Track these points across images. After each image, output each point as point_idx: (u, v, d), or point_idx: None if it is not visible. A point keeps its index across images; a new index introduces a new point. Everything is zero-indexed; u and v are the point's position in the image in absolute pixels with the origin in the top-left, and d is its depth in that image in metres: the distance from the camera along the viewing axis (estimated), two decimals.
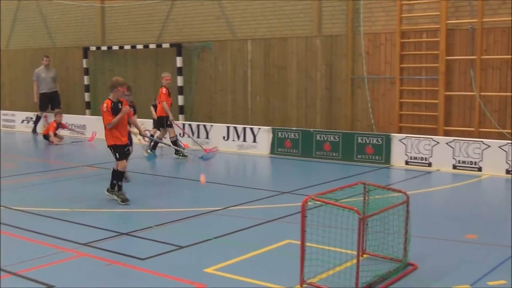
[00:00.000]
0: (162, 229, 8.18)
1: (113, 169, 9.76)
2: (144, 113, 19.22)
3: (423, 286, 5.95)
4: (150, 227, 8.22)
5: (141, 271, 6.50)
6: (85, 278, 6.34)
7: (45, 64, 19.76)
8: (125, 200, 9.58)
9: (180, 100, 17.93)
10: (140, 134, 11.14)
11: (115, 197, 9.71)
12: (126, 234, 7.91)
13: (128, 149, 10.05)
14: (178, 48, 17.91)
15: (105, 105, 9.41)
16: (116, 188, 9.77)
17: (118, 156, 9.61)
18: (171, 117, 14.51)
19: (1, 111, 22.24)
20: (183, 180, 12.47)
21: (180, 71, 17.90)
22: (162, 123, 14.72)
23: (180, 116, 17.85)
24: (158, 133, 15.21)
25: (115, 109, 9.44)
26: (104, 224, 8.39)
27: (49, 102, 20.01)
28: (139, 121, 17.34)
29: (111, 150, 9.65)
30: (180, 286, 6.07)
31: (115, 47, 19.59)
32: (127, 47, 19.26)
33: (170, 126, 14.61)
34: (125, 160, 9.71)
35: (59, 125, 18.31)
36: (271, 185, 11.89)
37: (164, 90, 14.53)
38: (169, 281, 6.20)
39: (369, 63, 14.85)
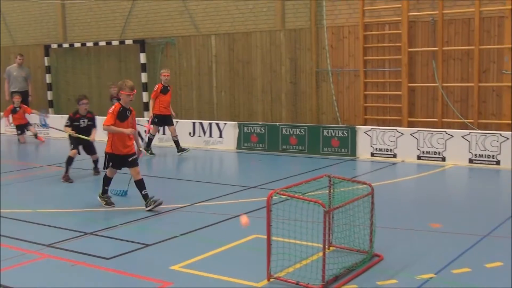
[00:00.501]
0: (127, 227, 8.09)
1: (104, 175, 9.30)
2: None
3: (389, 277, 6.00)
4: (116, 226, 8.13)
5: (106, 271, 6.42)
6: (49, 280, 6.24)
7: (18, 63, 19.14)
8: (110, 204, 9.24)
9: (145, 96, 17.77)
10: (137, 151, 9.65)
11: (100, 200, 9.29)
12: (91, 233, 7.80)
13: (135, 158, 9.11)
14: (141, 45, 17.74)
15: (113, 107, 8.91)
16: (101, 191, 9.34)
17: (110, 165, 9.09)
18: (150, 115, 14.31)
19: None
20: (148, 177, 12.34)
21: (144, 68, 17.73)
22: (162, 120, 14.29)
23: (145, 113, 17.69)
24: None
25: (122, 115, 8.87)
26: (68, 224, 8.26)
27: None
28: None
29: (105, 156, 9.09)
30: (146, 284, 6.01)
31: (77, 44, 19.32)
32: (89, 44, 19.01)
33: (154, 123, 14.30)
34: (116, 170, 9.21)
35: (19, 109, 17.43)
36: (237, 180, 11.87)
37: (156, 86, 14.11)
38: (135, 280, 6.14)
39: (333, 56, 14.92)
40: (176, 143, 14.34)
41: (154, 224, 8.27)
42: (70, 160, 11.49)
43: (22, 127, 17.54)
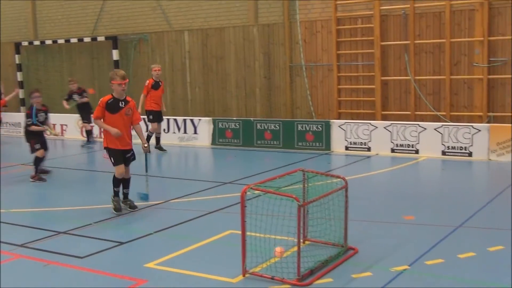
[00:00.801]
0: (101, 226, 8.02)
1: (113, 176, 8.65)
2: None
3: (363, 269, 6.03)
4: (89, 224, 8.05)
5: (80, 270, 6.36)
6: (22, 280, 6.16)
7: None
8: (117, 209, 8.52)
9: None
10: (142, 147, 8.69)
11: (111, 203, 8.66)
12: (64, 233, 7.72)
13: (132, 154, 8.64)
14: (114, 41, 17.60)
15: (102, 99, 8.35)
16: (113, 193, 8.68)
17: (112, 161, 8.46)
18: (139, 111, 13.96)
19: None
20: None
21: (117, 64, 17.58)
22: (153, 116, 13.84)
23: None
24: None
25: (112, 107, 8.28)
26: (41, 223, 8.16)
27: None
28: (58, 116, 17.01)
29: (107, 153, 8.56)
30: (121, 283, 5.96)
31: (49, 42, 19.08)
32: (61, 41, 18.79)
33: (150, 121, 13.97)
34: (122, 166, 8.47)
35: None
36: (212, 176, 11.83)
37: (147, 82, 13.65)
38: (110, 279, 6.08)
39: (306, 50, 14.94)
40: (158, 139, 14.16)
41: (128, 222, 8.21)
42: (38, 161, 11.29)
43: None
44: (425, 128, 12.43)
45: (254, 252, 6.16)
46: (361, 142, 13.11)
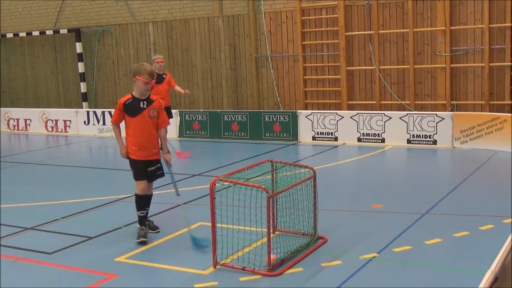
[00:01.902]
0: (69, 221, 7.94)
1: (135, 195, 7.07)
2: (43, 103, 18.57)
3: (333, 258, 6.10)
4: (56, 219, 7.96)
5: (49, 266, 6.29)
6: None
7: None
8: (141, 237, 6.87)
9: (83, 87, 17.41)
10: (163, 156, 7.16)
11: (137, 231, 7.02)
12: (31, 228, 7.62)
13: (158, 168, 7.05)
14: (76, 34, 17.36)
15: (120, 99, 6.98)
16: (138, 219, 7.07)
17: (133, 174, 6.98)
18: None
19: None
20: (87, 169, 12.15)
21: (80, 57, 17.37)
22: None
23: (84, 104, 17.35)
24: None
25: (132, 108, 6.83)
26: (7, 220, 8.02)
27: None
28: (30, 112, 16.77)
29: (129, 162, 7.07)
30: (92, 278, 5.91)
31: (10, 35, 18.71)
32: (22, 34, 18.44)
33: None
34: (145, 181, 6.94)
35: None
36: (180, 169, 11.77)
37: None
38: (80, 274, 6.04)
39: (272, 41, 14.96)
40: None
41: (96, 217, 8.14)
42: None
43: None
44: (390, 117, 12.59)
45: (224, 243, 6.18)
46: (328, 132, 13.21)
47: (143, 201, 6.99)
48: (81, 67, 17.37)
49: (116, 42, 17.29)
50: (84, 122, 16.15)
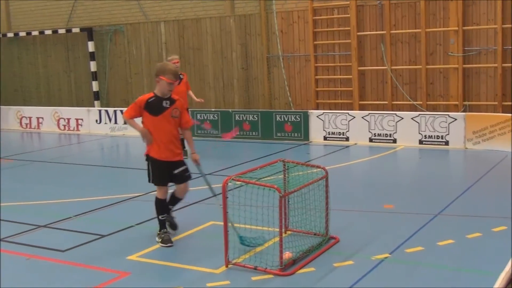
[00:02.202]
0: (81, 219, 7.98)
1: (155, 199, 6.82)
2: (55, 101, 18.67)
3: (345, 258, 6.09)
4: (69, 217, 8.00)
5: (62, 264, 6.33)
6: (5, 275, 6.10)
7: None
8: (166, 242, 6.69)
9: (95, 86, 17.49)
10: (191, 156, 6.93)
11: (156, 237, 6.81)
12: (44, 226, 7.67)
13: (185, 170, 6.85)
14: (89, 33, 17.42)
15: (140, 97, 6.73)
16: (158, 224, 6.82)
17: (152, 178, 6.69)
18: None
19: None
20: (99, 167, 12.20)
21: (92, 56, 17.43)
22: None
23: (96, 103, 17.42)
24: None
25: (155, 106, 6.59)
26: (20, 217, 8.08)
27: None
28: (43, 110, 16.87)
29: (147, 164, 6.77)
30: (104, 276, 5.94)
31: (22, 33, 18.82)
32: (35, 33, 18.54)
33: None
34: (166, 187, 6.77)
35: None
36: (193, 168, 11.80)
37: None
38: (93, 272, 6.07)
39: (283, 41, 14.96)
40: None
41: (108, 215, 8.18)
42: None
43: None
44: (402, 118, 12.56)
45: (236, 242, 6.19)
46: (340, 132, 13.19)
47: (164, 206, 6.81)
48: (93, 66, 17.44)
49: (128, 41, 17.35)
50: (96, 120, 16.23)
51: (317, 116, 13.44)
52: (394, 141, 12.61)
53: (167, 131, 6.65)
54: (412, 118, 12.46)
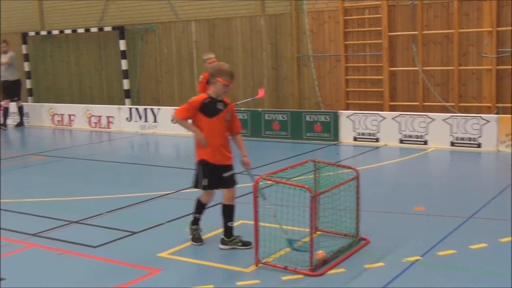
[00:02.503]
0: (113, 215, 8.07)
1: (197, 199, 6.87)
2: (86, 99, 18.89)
3: (376, 260, 6.06)
4: (101, 214, 8.10)
5: (94, 259, 6.42)
6: (37, 269, 6.22)
7: (2, 51, 18.37)
8: (196, 240, 6.76)
9: (126, 84, 17.64)
10: (243, 161, 6.82)
11: (188, 230, 6.89)
12: (76, 222, 7.77)
13: (234, 175, 6.74)
14: (121, 31, 17.57)
15: (195, 97, 6.58)
16: (192, 220, 6.89)
17: (201, 180, 6.56)
18: None
19: None
20: (130, 165, 12.31)
21: (124, 55, 17.58)
22: None
23: (127, 100, 17.58)
24: None
25: (210, 108, 6.44)
26: (53, 213, 8.21)
27: (6, 91, 18.03)
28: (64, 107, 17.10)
29: (197, 169, 6.65)
30: (135, 272, 6.00)
31: (55, 32, 19.07)
32: (67, 31, 18.78)
33: None
34: (213, 191, 6.70)
35: None
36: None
37: (201, 76, 11.59)
38: (124, 268, 6.14)
39: (313, 41, 14.92)
40: None
41: (139, 212, 8.26)
42: None
43: None
44: (434, 119, 12.43)
45: (266, 242, 6.20)
46: (370, 133, 13.11)
47: (203, 208, 6.80)
48: (124, 64, 17.59)
49: (159, 40, 17.47)
50: (127, 118, 16.37)
51: (347, 117, 13.37)
52: (425, 142, 12.48)
53: (221, 134, 6.52)
54: (443, 120, 12.32)
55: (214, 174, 6.52)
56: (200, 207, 6.77)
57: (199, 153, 6.56)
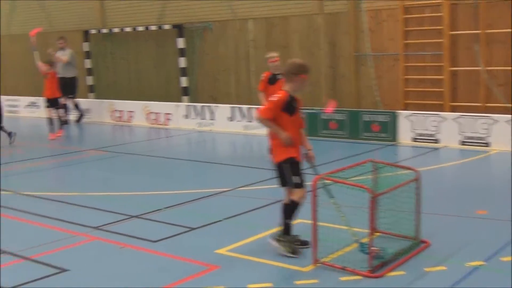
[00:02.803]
0: (172, 211, 8.18)
1: (285, 204, 6.46)
2: (145, 96, 19.19)
3: (437, 263, 5.94)
4: (160, 209, 8.22)
5: (153, 254, 6.52)
6: (99, 261, 6.37)
7: (60, 47, 18.82)
8: (294, 252, 6.31)
9: (184, 81, 17.85)
10: (308, 155, 6.77)
11: (280, 246, 6.36)
12: (136, 216, 7.91)
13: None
14: (179, 29, 17.78)
15: (278, 96, 6.33)
16: (282, 231, 6.45)
17: (293, 178, 6.30)
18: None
19: (4, 96, 22.08)
20: (188, 161, 12.46)
21: (182, 53, 17.78)
22: None
23: (185, 98, 17.79)
24: None
25: (290, 106, 6.36)
26: (113, 207, 8.38)
27: (62, 88, 18.73)
28: (127, 104, 17.38)
29: (282, 170, 6.40)
30: (194, 268, 6.07)
31: (116, 30, 19.46)
32: (127, 29, 19.13)
33: None
34: (304, 189, 6.36)
35: None
36: None
37: (263, 75, 11.29)
38: (182, 263, 6.21)
39: (372, 40, 14.74)
40: None
41: (197, 208, 8.34)
42: None
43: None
44: (497, 121, 12.10)
45: (324, 242, 6.16)
46: (429, 134, 12.87)
47: (295, 211, 6.40)
48: (183, 62, 17.79)
49: (216, 39, 17.59)
50: (184, 116, 16.57)
51: (406, 117, 13.16)
52: (487, 144, 12.16)
53: (298, 131, 6.48)
54: (507, 122, 11.98)
55: (301, 171, 6.36)
56: (291, 210, 6.35)
57: (283, 152, 6.35)
